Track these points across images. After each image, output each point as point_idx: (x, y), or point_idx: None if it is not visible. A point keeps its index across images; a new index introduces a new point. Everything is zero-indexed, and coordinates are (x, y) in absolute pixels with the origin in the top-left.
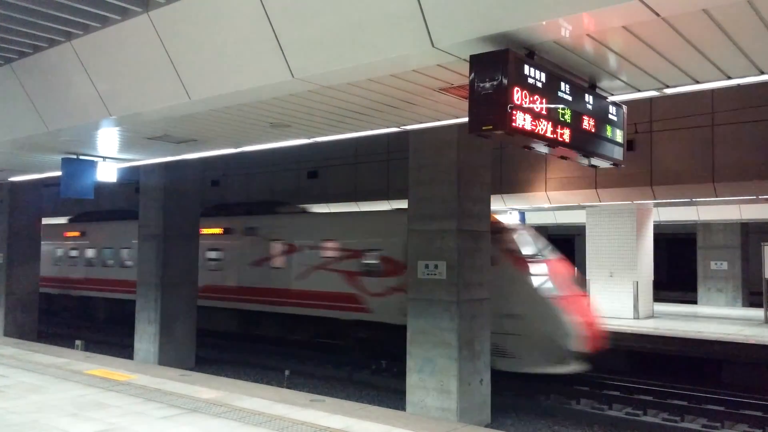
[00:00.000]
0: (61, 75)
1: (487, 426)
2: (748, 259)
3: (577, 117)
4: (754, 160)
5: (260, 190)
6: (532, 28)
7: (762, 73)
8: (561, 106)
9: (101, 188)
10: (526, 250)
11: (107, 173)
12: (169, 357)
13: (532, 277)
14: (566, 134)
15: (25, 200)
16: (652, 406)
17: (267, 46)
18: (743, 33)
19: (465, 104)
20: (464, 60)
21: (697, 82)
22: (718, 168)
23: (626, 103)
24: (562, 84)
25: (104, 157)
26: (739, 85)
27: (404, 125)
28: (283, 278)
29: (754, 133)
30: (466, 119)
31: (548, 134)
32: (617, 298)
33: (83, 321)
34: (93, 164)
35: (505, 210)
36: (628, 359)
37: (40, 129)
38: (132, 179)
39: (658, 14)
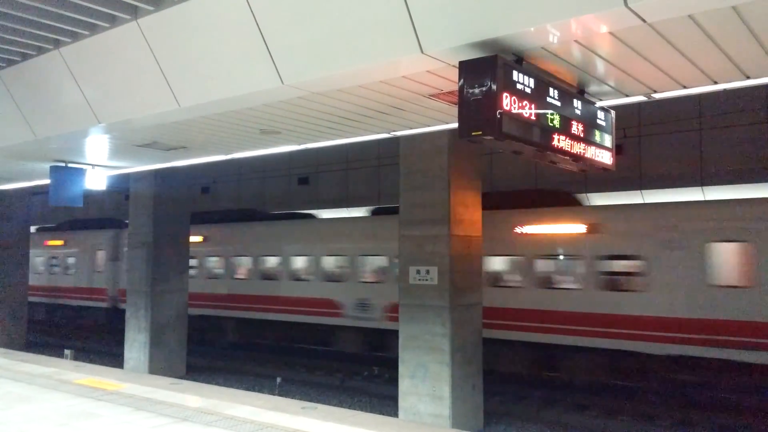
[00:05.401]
0: (49, 83)
1: None
2: None
3: (565, 122)
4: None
5: (251, 196)
6: (520, 34)
7: (748, 77)
8: (550, 111)
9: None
10: None
11: (96, 181)
12: (159, 365)
13: None
14: (555, 139)
15: (14, 209)
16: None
17: (256, 52)
18: (729, 38)
19: (455, 110)
20: (453, 66)
21: (685, 87)
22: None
23: (614, 108)
24: (551, 89)
25: (93, 165)
26: (725, 90)
27: (394, 131)
28: None
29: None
30: (455, 125)
31: (537, 139)
32: None
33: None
34: (82, 172)
35: None
36: None
37: (28, 137)
38: (122, 186)
39: (644, 20)
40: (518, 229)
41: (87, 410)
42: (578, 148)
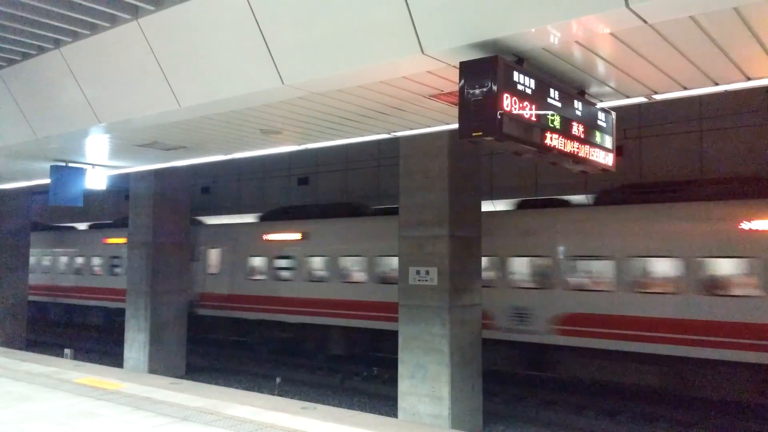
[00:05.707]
0: (50, 82)
1: None
2: None
3: (566, 123)
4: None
5: (250, 196)
6: (521, 35)
7: (748, 79)
8: (550, 112)
9: None
10: None
11: (96, 180)
12: (159, 365)
13: None
14: (556, 140)
15: (13, 209)
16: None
17: (257, 52)
18: (730, 40)
19: (455, 111)
20: (454, 67)
21: (685, 89)
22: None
23: (615, 109)
24: (552, 90)
25: (93, 165)
26: (726, 91)
27: (394, 132)
28: None
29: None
30: (456, 126)
31: (538, 140)
32: None
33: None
34: (82, 171)
35: None
36: None
37: (28, 136)
38: (122, 186)
39: (645, 21)
40: (747, 225)
41: (87, 409)
42: (578, 148)
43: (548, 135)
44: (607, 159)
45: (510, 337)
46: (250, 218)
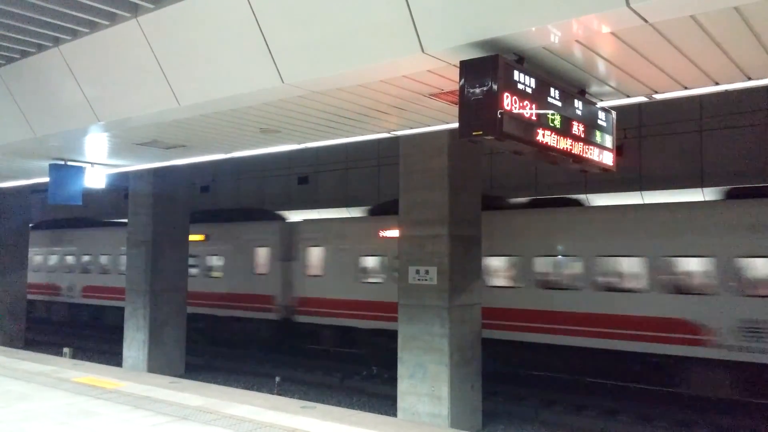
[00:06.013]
0: (49, 80)
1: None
2: None
3: (566, 122)
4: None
5: (250, 195)
6: (521, 34)
7: (749, 79)
8: (551, 111)
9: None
10: None
11: (95, 179)
12: (158, 364)
13: None
14: (556, 140)
15: (12, 207)
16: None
17: (257, 51)
18: (730, 39)
19: (455, 110)
20: (454, 66)
21: (686, 88)
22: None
23: (615, 108)
24: (552, 90)
25: (92, 163)
26: (726, 91)
27: (394, 131)
28: None
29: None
30: (456, 125)
31: (538, 140)
32: None
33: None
34: (81, 170)
35: None
36: None
37: (27, 135)
38: (121, 185)
39: (646, 21)
40: None
41: (86, 408)
42: (579, 148)
43: (548, 134)
44: (608, 158)
45: (737, 357)
46: (356, 212)
